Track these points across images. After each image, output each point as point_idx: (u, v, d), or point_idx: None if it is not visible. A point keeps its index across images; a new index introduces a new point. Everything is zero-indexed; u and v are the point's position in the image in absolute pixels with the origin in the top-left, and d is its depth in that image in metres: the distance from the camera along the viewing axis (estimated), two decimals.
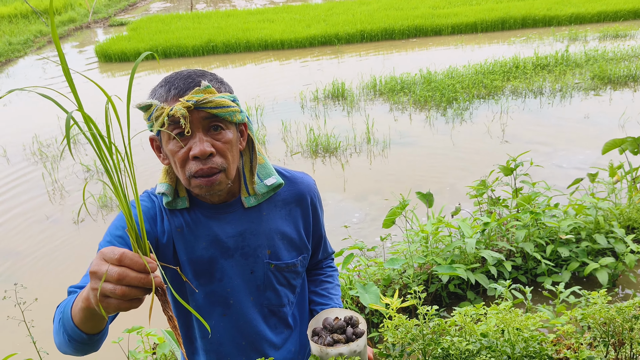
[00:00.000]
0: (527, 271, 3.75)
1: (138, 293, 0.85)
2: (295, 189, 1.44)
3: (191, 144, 1.18)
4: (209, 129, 1.20)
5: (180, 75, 1.21)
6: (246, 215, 1.37)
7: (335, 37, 13.23)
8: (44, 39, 16.52)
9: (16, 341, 3.66)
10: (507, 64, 9.58)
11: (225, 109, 1.19)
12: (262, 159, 1.37)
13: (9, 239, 5.31)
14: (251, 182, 1.35)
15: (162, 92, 1.19)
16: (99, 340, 1.08)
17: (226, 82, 1.27)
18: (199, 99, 1.15)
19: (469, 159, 6.29)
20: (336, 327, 1.35)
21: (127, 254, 0.85)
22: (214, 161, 1.20)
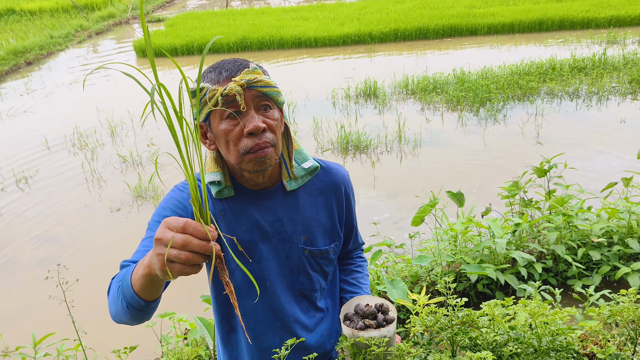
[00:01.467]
0: (557, 274, 3.72)
1: (199, 259, 0.92)
2: (330, 178, 1.51)
3: (245, 121, 1.25)
4: (260, 107, 1.27)
5: (228, 61, 1.29)
6: (285, 202, 1.43)
7: (368, 36, 13.22)
8: (84, 33, 16.97)
9: (56, 321, 3.82)
10: (544, 65, 9.43)
11: (273, 89, 1.28)
12: (297, 145, 1.45)
13: (49, 226, 5.52)
14: (290, 166, 1.42)
15: (213, 76, 1.26)
16: (154, 308, 1.17)
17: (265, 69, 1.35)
18: (250, 78, 1.23)
19: (501, 160, 6.24)
20: (368, 312, 1.39)
21: (190, 222, 0.92)
22: (266, 136, 1.26)
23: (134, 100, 9.38)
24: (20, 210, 5.88)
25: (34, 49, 14.53)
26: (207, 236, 0.92)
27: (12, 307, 4.31)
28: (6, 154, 7.50)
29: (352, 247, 1.70)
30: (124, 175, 6.56)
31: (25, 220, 5.65)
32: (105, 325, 3.80)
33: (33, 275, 4.66)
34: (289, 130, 1.42)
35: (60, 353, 2.77)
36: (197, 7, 22.08)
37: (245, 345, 1.52)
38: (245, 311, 1.48)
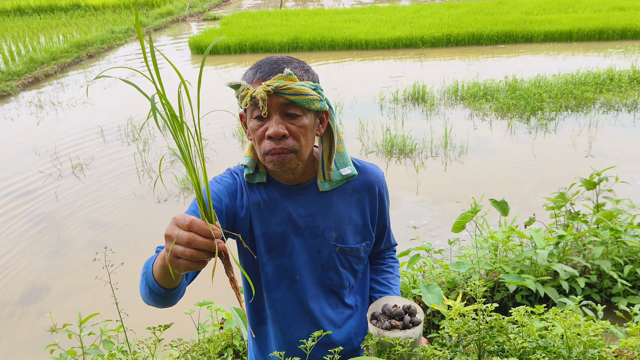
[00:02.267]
0: (601, 290, 3.60)
1: (204, 256, 0.97)
2: (365, 178, 1.52)
3: (268, 125, 1.29)
4: (286, 114, 1.29)
5: (269, 61, 1.31)
6: (318, 198, 1.46)
7: (420, 40, 13.11)
8: (143, 29, 17.56)
9: (100, 302, 3.99)
10: (601, 75, 9.11)
11: (303, 97, 1.27)
12: (342, 148, 1.45)
13: (100, 211, 5.76)
14: (328, 169, 1.43)
15: (250, 75, 1.31)
16: (175, 295, 1.22)
17: (313, 71, 1.36)
18: (279, 84, 1.24)
19: (549, 171, 6.07)
20: (395, 313, 1.41)
21: (195, 221, 0.97)
22: (286, 142, 1.29)
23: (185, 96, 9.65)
24: (75, 196, 6.16)
25: (95, 42, 15.16)
26: (211, 234, 0.96)
27: (63, 287, 4.53)
28: (65, 141, 7.87)
29: (385, 247, 1.71)
30: (172, 167, 6.77)
31: (78, 205, 5.92)
32: (146, 309, 3.95)
33: (83, 258, 4.88)
34: (333, 132, 1.42)
35: (104, 333, 2.90)
36: (252, 6, 22.47)
37: (274, 337, 1.56)
38: (274, 303, 1.52)
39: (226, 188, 1.45)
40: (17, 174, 6.82)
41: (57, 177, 6.64)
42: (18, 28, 17.91)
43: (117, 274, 2.91)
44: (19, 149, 7.78)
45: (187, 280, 1.33)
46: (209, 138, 7.55)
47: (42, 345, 3.72)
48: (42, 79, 12.26)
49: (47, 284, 4.57)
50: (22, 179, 6.65)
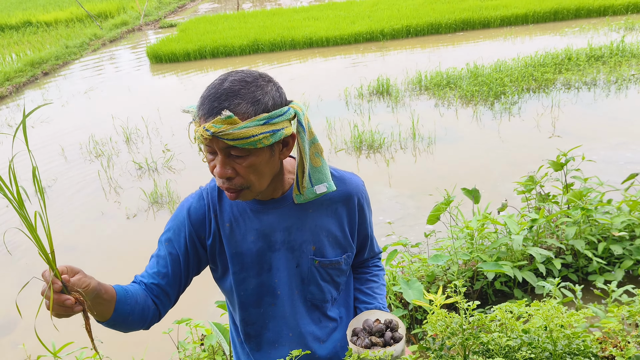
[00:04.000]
0: (577, 269, 3.64)
1: (59, 310, 1.10)
2: (343, 188, 1.45)
3: (216, 161, 1.24)
4: (230, 155, 1.22)
5: (212, 96, 1.18)
6: (293, 211, 1.40)
7: (380, 33, 13.14)
8: (98, 41, 17.17)
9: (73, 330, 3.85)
10: (559, 55, 9.27)
11: (246, 140, 1.16)
12: (319, 162, 1.35)
13: (67, 234, 5.58)
14: (302, 185, 1.34)
15: (197, 107, 1.22)
16: (115, 326, 1.28)
17: (269, 97, 1.21)
18: (215, 130, 1.14)
19: (516, 154, 6.14)
20: (375, 329, 1.38)
21: (44, 274, 1.08)
22: (234, 182, 1.24)
23: (148, 108, 9.46)
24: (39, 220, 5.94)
25: (50, 59, 14.74)
26: (56, 288, 1.07)
27: (33, 317, 4.36)
28: (24, 163, 7.61)
29: (368, 256, 1.66)
30: (140, 181, 6.61)
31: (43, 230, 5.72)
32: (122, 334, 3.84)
33: None
34: (303, 152, 1.31)
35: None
36: (209, 10, 22.20)
37: (257, 354, 1.51)
38: (255, 320, 1.47)
39: (192, 216, 1.41)
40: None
41: None
42: None
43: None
44: None
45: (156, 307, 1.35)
46: (175, 149, 7.40)
47: None
48: None
49: (16, 315, 4.39)
50: None
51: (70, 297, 1.07)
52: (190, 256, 1.39)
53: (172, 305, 1.41)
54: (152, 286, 1.35)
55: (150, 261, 1.40)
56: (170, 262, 1.37)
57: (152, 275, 1.36)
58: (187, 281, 1.41)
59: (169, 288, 1.36)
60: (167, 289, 1.36)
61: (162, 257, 1.38)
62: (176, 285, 1.38)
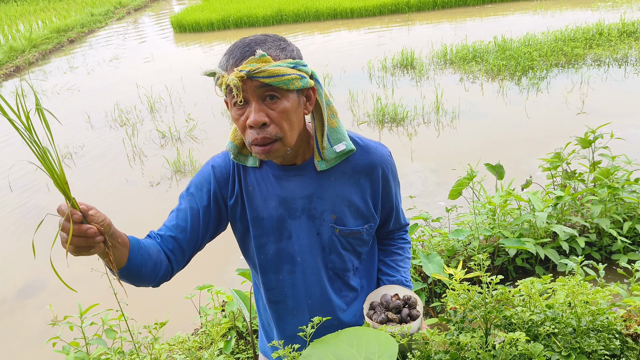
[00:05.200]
0: (601, 248, 3.60)
1: (79, 242, 1.04)
2: (366, 158, 1.43)
3: (247, 113, 1.21)
4: (265, 98, 1.21)
5: (241, 44, 1.21)
6: (315, 179, 1.39)
7: (406, 5, 12.89)
8: (123, 10, 17.18)
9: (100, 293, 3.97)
10: (590, 30, 9.00)
11: (280, 78, 1.18)
12: (335, 123, 1.37)
13: (92, 199, 5.69)
14: (322, 147, 1.35)
15: (224, 61, 1.22)
16: (128, 277, 1.24)
17: (292, 47, 1.26)
18: (251, 68, 1.15)
19: (543, 130, 6.03)
20: (392, 305, 1.34)
21: (60, 206, 1.02)
22: (267, 131, 1.22)
23: (172, 76, 9.49)
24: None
25: (75, 26, 14.82)
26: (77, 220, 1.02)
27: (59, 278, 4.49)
28: (54, 130, 7.74)
29: (394, 228, 1.62)
30: (163, 150, 6.68)
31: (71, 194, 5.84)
32: (145, 297, 3.93)
33: None
34: (322, 109, 1.34)
35: (105, 322, 2.88)
36: None
37: (277, 319, 1.53)
38: (274, 285, 1.48)
39: (217, 173, 1.41)
40: (6, 166, 6.72)
41: None
42: None
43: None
44: (6, 140, 7.65)
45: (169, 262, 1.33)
46: (198, 119, 7.44)
47: (44, 338, 3.71)
48: (24, 68, 12.01)
49: (44, 277, 4.53)
50: (12, 171, 6.55)
51: (91, 225, 1.03)
52: (212, 213, 1.39)
53: (184, 265, 1.38)
54: (168, 239, 1.33)
55: (170, 215, 1.39)
56: (190, 216, 1.36)
57: (170, 227, 1.35)
58: (203, 241, 1.40)
59: (185, 244, 1.35)
60: (182, 244, 1.34)
61: (182, 210, 1.38)
62: (192, 242, 1.36)
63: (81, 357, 2.79)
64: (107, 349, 2.80)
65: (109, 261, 1.11)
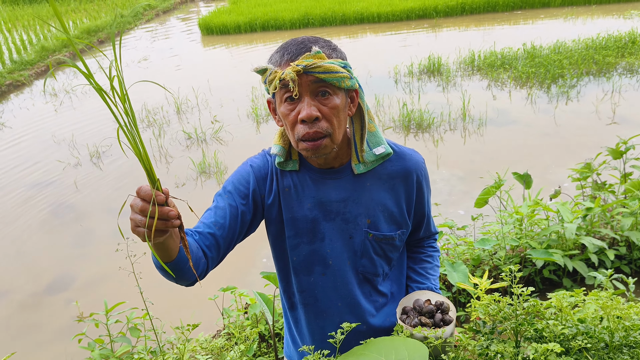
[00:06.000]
0: (631, 262, 3.51)
1: (158, 224, 1.00)
2: (402, 164, 1.44)
3: (299, 108, 1.24)
4: (317, 94, 1.24)
5: (294, 42, 1.25)
6: (351, 183, 1.41)
7: (433, 10, 12.82)
8: (152, 12, 17.46)
9: (125, 291, 4.02)
10: (623, 39, 8.82)
11: (334, 74, 1.22)
12: (373, 127, 1.40)
13: (119, 199, 5.79)
14: (361, 150, 1.38)
15: (277, 57, 1.25)
16: (175, 270, 1.19)
17: (340, 49, 1.30)
18: (308, 63, 1.20)
19: (572, 140, 5.93)
20: (425, 310, 1.35)
21: (143, 187, 0.99)
22: (319, 125, 1.25)
23: (198, 79, 9.60)
24: (94, 184, 6.19)
25: (105, 27, 15.11)
26: (158, 201, 0.98)
27: (87, 276, 4.58)
28: (81, 129, 7.89)
29: (424, 235, 1.63)
30: (189, 151, 6.75)
31: (98, 193, 5.95)
32: (170, 297, 3.98)
33: (106, 246, 4.92)
34: (363, 111, 1.36)
35: (130, 321, 2.92)
36: None
37: (306, 321, 1.54)
38: (305, 287, 1.49)
39: (256, 172, 1.43)
40: (36, 164, 6.88)
41: (76, 166, 6.67)
42: (28, 16, 17.93)
43: (140, 263, 2.91)
44: (36, 138, 7.83)
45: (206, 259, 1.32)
46: (224, 120, 7.51)
47: (70, 334, 3.78)
48: (55, 67, 12.29)
49: (72, 274, 4.62)
50: (42, 169, 6.70)
51: (172, 208, 1.02)
52: (249, 211, 1.40)
53: (217, 262, 1.38)
54: (207, 235, 1.33)
55: (206, 213, 1.39)
56: (229, 213, 1.37)
57: (208, 224, 1.34)
58: (237, 239, 1.41)
59: (221, 240, 1.34)
60: (219, 241, 1.34)
61: (220, 208, 1.38)
62: (228, 240, 1.36)
63: (106, 354, 2.83)
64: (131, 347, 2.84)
65: (183, 246, 1.10)
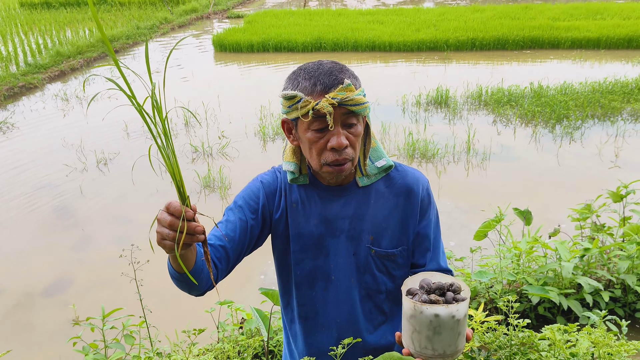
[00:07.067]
0: (625, 304, 3.54)
1: (185, 238, 1.07)
2: (405, 182, 1.49)
3: (329, 137, 1.31)
4: (346, 124, 1.32)
5: (323, 70, 1.31)
6: (356, 201, 1.47)
7: (444, 43, 13.02)
8: (167, 25, 17.73)
9: (123, 297, 4.04)
10: (630, 84, 8.95)
11: (362, 106, 1.31)
12: (374, 143, 1.48)
13: (123, 207, 5.84)
14: (364, 164, 1.46)
15: (307, 86, 1.30)
16: (193, 280, 1.24)
17: (357, 75, 1.38)
18: (342, 97, 1.27)
19: (574, 180, 5.99)
20: (434, 287, 1.18)
21: (172, 203, 1.07)
22: (346, 152, 1.33)
23: (208, 94, 9.73)
24: (99, 190, 6.25)
25: (121, 38, 15.34)
26: (186, 216, 1.06)
27: (86, 281, 4.60)
28: (91, 136, 7.98)
29: (434, 268, 1.53)
30: (194, 164, 6.82)
31: (102, 199, 6.01)
32: (169, 306, 4.00)
33: (106, 252, 4.95)
34: (370, 129, 1.45)
35: (125, 327, 2.94)
36: (276, 5, 22.54)
37: (303, 335, 1.57)
38: (305, 301, 1.53)
39: (266, 188, 1.50)
40: (43, 167, 6.94)
41: (82, 171, 6.74)
42: (45, 21, 18.21)
43: (142, 270, 2.95)
44: (45, 141, 7.92)
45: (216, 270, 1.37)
46: (231, 137, 7.59)
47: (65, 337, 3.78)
48: (68, 73, 12.46)
49: (71, 277, 4.64)
50: (49, 172, 6.77)
51: (199, 224, 1.10)
52: (258, 225, 1.47)
53: (226, 274, 1.44)
54: (218, 247, 1.38)
55: (214, 228, 1.45)
56: (240, 227, 1.43)
57: (219, 237, 1.40)
58: (246, 252, 1.47)
59: (231, 253, 1.40)
60: (229, 253, 1.40)
61: (231, 222, 1.44)
62: (237, 252, 1.43)
63: (99, 359, 2.84)
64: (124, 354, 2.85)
65: (206, 259, 1.16)
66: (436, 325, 1.10)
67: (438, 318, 1.09)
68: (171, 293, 4.37)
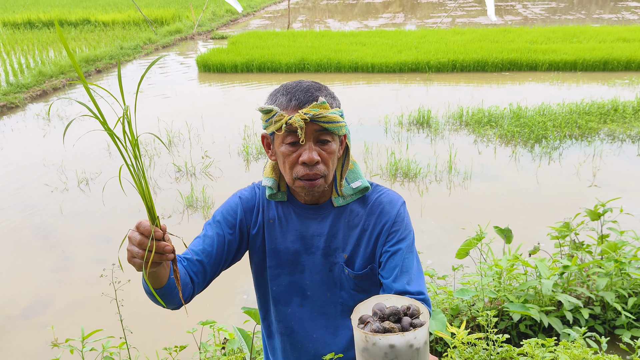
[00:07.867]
0: (605, 322, 3.59)
1: (154, 257, 1.11)
2: (378, 202, 1.51)
3: (301, 151, 1.35)
4: (318, 140, 1.36)
5: (300, 87, 1.36)
6: (332, 219, 1.49)
7: (426, 65, 13.23)
8: (151, 46, 17.76)
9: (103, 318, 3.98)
10: (605, 106, 9.17)
11: (335, 124, 1.35)
12: (352, 165, 1.52)
13: (104, 227, 5.78)
14: (340, 185, 1.49)
15: (283, 101, 1.35)
16: (163, 296, 1.29)
17: (337, 97, 1.42)
18: (315, 113, 1.31)
19: (553, 199, 6.09)
20: (388, 312, 1.06)
21: (142, 222, 1.10)
22: (318, 168, 1.36)
23: (192, 113, 9.73)
24: (79, 210, 6.18)
25: (104, 58, 15.32)
26: (155, 235, 1.08)
27: (65, 302, 4.52)
28: (72, 155, 7.91)
29: (402, 289, 1.39)
30: (177, 184, 6.80)
31: (83, 220, 5.94)
32: (150, 327, 3.95)
33: (86, 273, 4.88)
34: (349, 150, 1.49)
35: (105, 349, 2.89)
36: (260, 26, 22.74)
37: (282, 350, 1.58)
38: (282, 317, 1.54)
39: (244, 203, 1.53)
40: (23, 186, 6.85)
41: (63, 191, 6.67)
42: (28, 41, 18.13)
43: (123, 291, 2.92)
44: (25, 160, 7.83)
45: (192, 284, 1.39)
46: (215, 156, 7.59)
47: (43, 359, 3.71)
48: (50, 92, 12.38)
49: (50, 298, 4.56)
50: (28, 192, 6.68)
51: (168, 243, 1.12)
52: (235, 240, 1.49)
53: (203, 288, 1.47)
54: (195, 262, 1.41)
55: (195, 241, 1.48)
56: (217, 242, 1.46)
57: (196, 252, 1.43)
58: (223, 266, 1.50)
59: (208, 267, 1.43)
60: (206, 268, 1.43)
61: (209, 236, 1.47)
62: (214, 267, 1.46)
63: None
64: None
65: (175, 277, 1.18)
66: (392, 357, 0.98)
67: (394, 349, 0.97)
68: (152, 313, 4.33)
